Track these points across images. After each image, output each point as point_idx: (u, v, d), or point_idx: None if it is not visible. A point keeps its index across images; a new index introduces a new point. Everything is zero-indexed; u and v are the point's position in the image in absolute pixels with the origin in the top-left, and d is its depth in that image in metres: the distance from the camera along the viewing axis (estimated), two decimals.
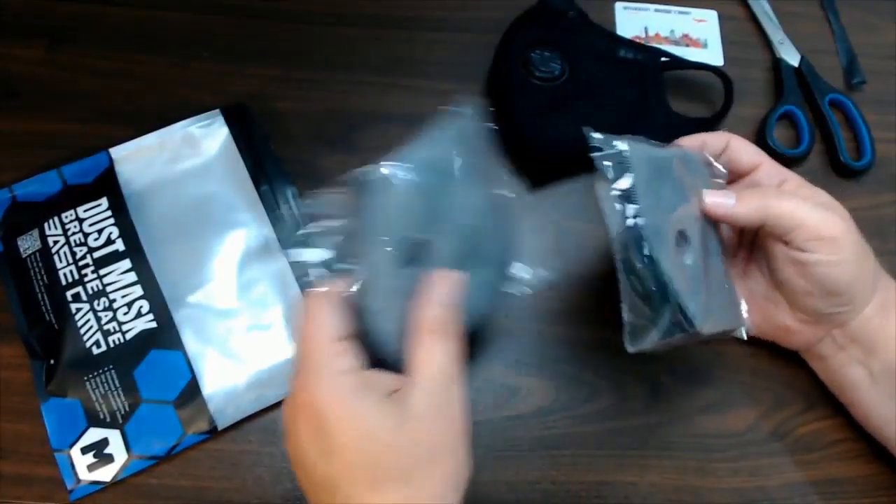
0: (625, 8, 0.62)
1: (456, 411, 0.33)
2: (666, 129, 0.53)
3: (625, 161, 0.38)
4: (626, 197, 0.38)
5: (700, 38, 0.61)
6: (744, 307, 0.44)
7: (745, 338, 0.43)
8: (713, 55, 0.61)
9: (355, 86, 0.56)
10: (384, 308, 0.35)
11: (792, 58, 0.60)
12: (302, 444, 0.32)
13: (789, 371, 0.49)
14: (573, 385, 0.48)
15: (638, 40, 0.60)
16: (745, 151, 0.45)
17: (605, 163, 0.38)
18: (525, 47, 0.55)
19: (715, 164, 0.44)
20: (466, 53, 0.58)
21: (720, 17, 0.62)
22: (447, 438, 0.33)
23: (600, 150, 0.39)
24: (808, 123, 0.57)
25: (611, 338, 0.49)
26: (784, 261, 0.42)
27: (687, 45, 0.61)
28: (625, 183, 0.38)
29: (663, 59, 0.56)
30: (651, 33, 0.61)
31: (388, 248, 0.36)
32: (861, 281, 0.42)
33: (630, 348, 0.38)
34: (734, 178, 0.45)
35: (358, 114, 0.55)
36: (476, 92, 0.56)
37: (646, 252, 0.37)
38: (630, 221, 0.37)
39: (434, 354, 0.33)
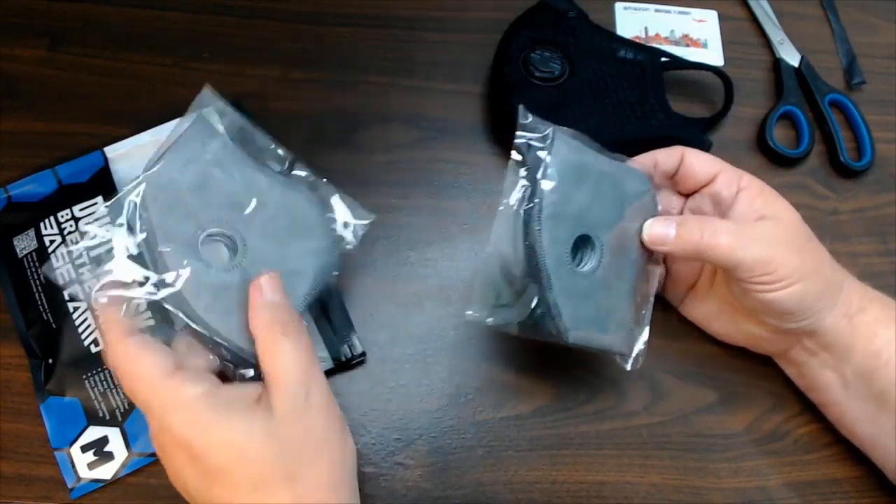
0: (625, 8, 0.62)
1: (321, 402, 0.34)
2: (666, 129, 0.53)
3: (546, 147, 0.39)
4: (532, 179, 0.38)
5: (700, 38, 0.61)
6: (640, 342, 0.43)
7: (628, 368, 0.43)
8: (713, 55, 0.61)
9: (355, 86, 0.56)
10: (210, 309, 0.36)
11: (792, 58, 0.60)
12: (181, 477, 0.33)
13: None
14: (573, 385, 0.48)
15: (638, 40, 0.60)
16: (699, 164, 0.45)
17: (526, 142, 0.39)
18: (525, 47, 0.55)
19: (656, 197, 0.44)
20: (466, 53, 0.58)
21: (720, 17, 0.62)
22: (321, 431, 0.33)
23: (527, 129, 0.40)
24: (808, 123, 0.57)
25: None
26: (732, 282, 0.43)
27: (687, 45, 0.61)
28: (531, 175, 0.39)
29: (663, 59, 0.56)
30: (651, 33, 0.61)
31: (190, 251, 0.36)
32: (812, 297, 0.41)
33: (472, 315, 0.39)
34: (693, 189, 0.46)
35: (358, 114, 0.55)
36: (476, 92, 0.56)
37: (534, 232, 0.38)
38: (527, 203, 0.38)
39: (280, 354, 0.34)
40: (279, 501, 0.32)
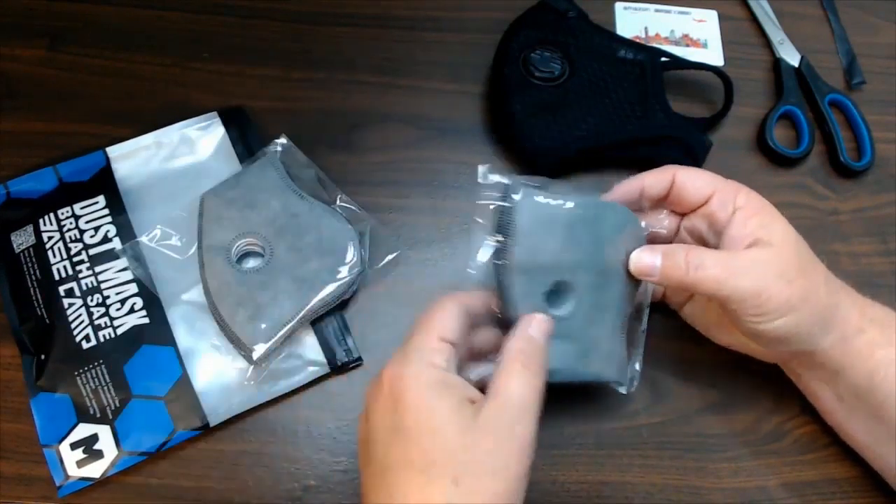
0: (625, 8, 0.62)
1: (524, 437, 0.34)
2: (666, 129, 0.53)
3: (510, 204, 0.39)
4: (499, 236, 0.39)
5: (700, 38, 0.61)
6: (636, 364, 0.45)
7: (625, 392, 0.44)
8: (713, 55, 0.61)
9: (355, 86, 0.56)
10: (223, 299, 0.44)
11: (792, 58, 0.60)
12: (374, 419, 0.34)
13: None
14: (574, 385, 0.48)
15: (638, 40, 0.60)
16: (693, 185, 0.43)
17: (488, 202, 0.40)
18: (525, 47, 0.55)
19: (640, 223, 0.44)
20: (466, 53, 0.58)
21: (720, 17, 0.62)
22: (508, 458, 0.33)
23: (489, 188, 0.40)
24: (808, 123, 0.57)
25: None
26: (723, 309, 0.42)
27: (687, 45, 0.61)
28: (499, 234, 0.40)
29: (663, 59, 0.56)
30: (651, 33, 0.61)
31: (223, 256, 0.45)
32: (804, 326, 0.40)
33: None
34: (687, 210, 0.44)
35: (358, 114, 0.55)
36: (476, 92, 0.56)
37: (506, 289, 0.39)
38: (496, 261, 0.39)
39: (514, 379, 0.35)
40: (435, 495, 0.32)
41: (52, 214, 0.47)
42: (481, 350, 0.39)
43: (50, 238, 0.47)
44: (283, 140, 0.51)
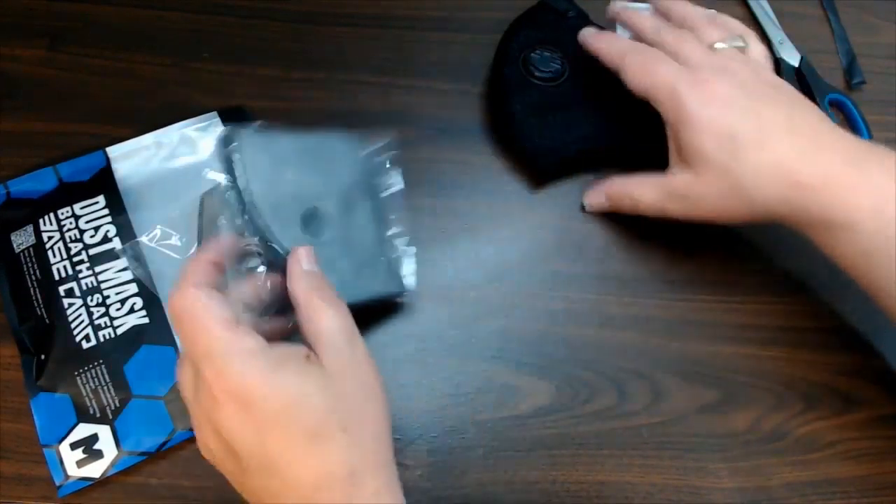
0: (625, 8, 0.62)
1: (364, 356, 0.36)
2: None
3: (237, 157, 0.39)
4: (236, 184, 0.39)
5: None
6: (410, 275, 0.48)
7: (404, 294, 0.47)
8: None
9: (355, 86, 0.56)
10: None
11: (792, 58, 0.60)
12: (230, 434, 0.32)
13: (789, 371, 0.49)
14: (573, 385, 0.48)
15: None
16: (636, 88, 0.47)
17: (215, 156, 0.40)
18: (525, 47, 0.55)
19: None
20: (466, 53, 0.58)
21: None
22: (366, 387, 0.35)
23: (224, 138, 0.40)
24: None
25: (612, 337, 0.49)
26: None
27: None
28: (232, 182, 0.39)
29: None
30: None
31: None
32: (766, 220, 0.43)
33: None
34: None
35: (358, 114, 0.55)
36: (476, 92, 0.56)
37: (262, 227, 0.39)
38: (245, 214, 0.39)
39: (322, 317, 0.35)
40: (333, 451, 0.33)
41: (52, 214, 0.47)
42: (252, 302, 0.37)
43: (50, 238, 0.47)
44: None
